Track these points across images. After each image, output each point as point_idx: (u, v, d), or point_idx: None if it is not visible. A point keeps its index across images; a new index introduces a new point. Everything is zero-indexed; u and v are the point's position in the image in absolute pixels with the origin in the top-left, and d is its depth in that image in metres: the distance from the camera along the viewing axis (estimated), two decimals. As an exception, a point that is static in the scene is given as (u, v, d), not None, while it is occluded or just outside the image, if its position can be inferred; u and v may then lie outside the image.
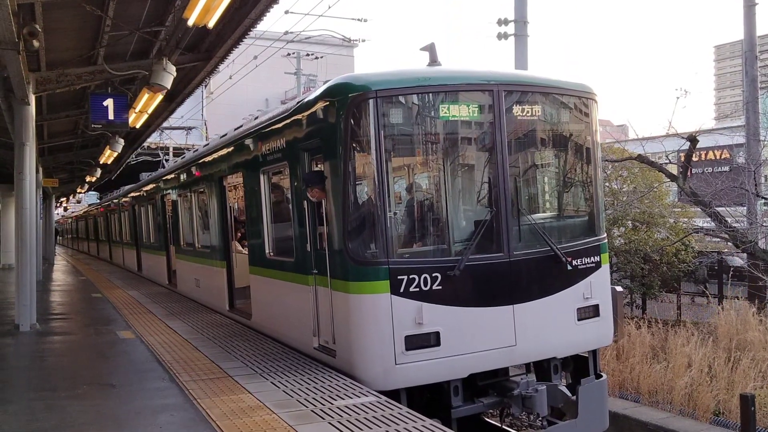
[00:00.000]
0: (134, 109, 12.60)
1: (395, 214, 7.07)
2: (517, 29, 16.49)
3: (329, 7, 27.93)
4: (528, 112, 7.49)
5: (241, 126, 10.38)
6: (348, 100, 6.69)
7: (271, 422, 5.56)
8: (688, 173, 16.22)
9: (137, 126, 14.39)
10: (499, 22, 16.74)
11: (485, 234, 6.99)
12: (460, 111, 7.13)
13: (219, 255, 11.22)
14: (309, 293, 7.56)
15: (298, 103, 7.87)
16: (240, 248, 11.66)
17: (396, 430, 5.33)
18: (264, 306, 9.34)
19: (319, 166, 7.33)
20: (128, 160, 25.30)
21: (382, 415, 5.65)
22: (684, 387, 10.76)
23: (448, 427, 6.76)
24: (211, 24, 8.71)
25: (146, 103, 12.44)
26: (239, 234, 12.07)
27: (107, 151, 18.71)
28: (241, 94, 41.26)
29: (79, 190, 37.47)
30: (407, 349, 6.56)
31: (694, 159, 18.65)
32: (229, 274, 10.97)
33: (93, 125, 11.98)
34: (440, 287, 6.69)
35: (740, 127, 19.69)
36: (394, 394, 6.47)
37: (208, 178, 11.76)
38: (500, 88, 7.15)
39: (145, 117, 13.62)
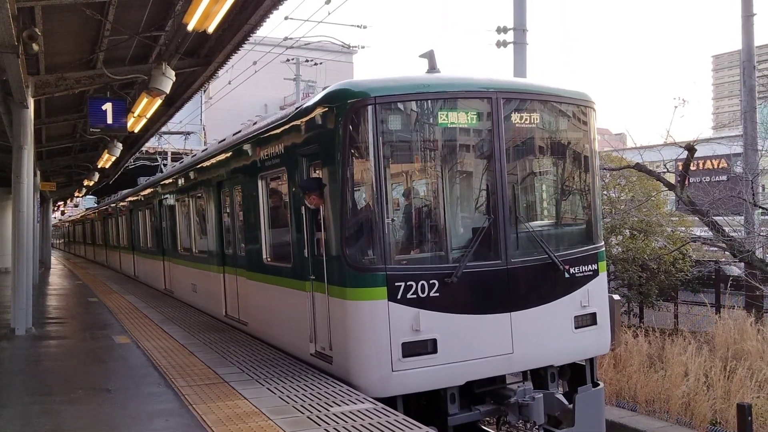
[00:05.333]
0: (133, 113, 12.59)
1: (393, 220, 7.07)
2: (516, 37, 16.49)
3: (329, 14, 28.09)
4: (526, 119, 7.50)
5: (240, 131, 10.38)
6: (347, 107, 6.70)
7: (267, 428, 5.54)
8: (686, 182, 16.22)
9: (136, 130, 14.37)
10: (498, 30, 16.74)
11: (483, 241, 6.99)
12: (459, 118, 7.14)
13: (216, 260, 11.20)
14: (306, 299, 7.54)
15: (296, 109, 7.87)
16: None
17: (392, 437, 5.32)
18: (261, 311, 9.32)
19: (317, 171, 7.33)
20: (126, 165, 25.29)
21: (379, 422, 5.63)
22: (681, 396, 10.74)
23: (444, 434, 6.77)
24: (210, 29, 8.72)
25: (145, 107, 12.43)
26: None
27: (105, 155, 18.69)
28: (240, 99, 41.30)
29: (76, 194, 37.42)
30: (404, 356, 6.55)
31: (692, 168, 18.69)
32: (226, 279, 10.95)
33: (91, 129, 11.95)
34: (438, 294, 6.69)
35: (738, 136, 19.69)
36: (390, 401, 6.46)
37: (206, 183, 11.76)
38: (499, 95, 7.17)
39: (143, 121, 13.61)
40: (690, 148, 15.44)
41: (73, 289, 19.15)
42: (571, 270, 7.49)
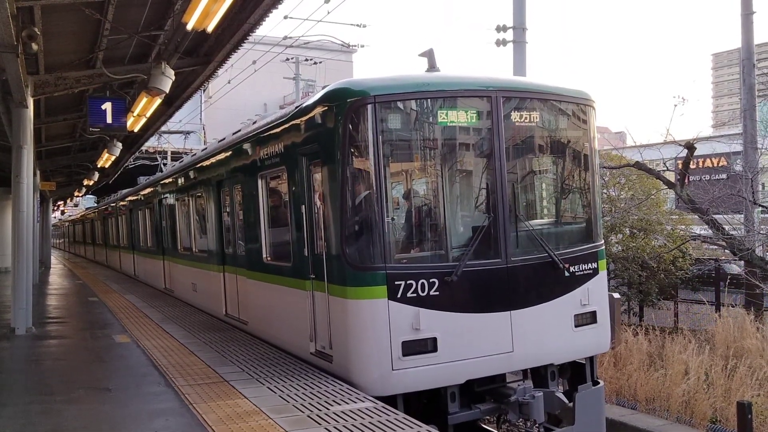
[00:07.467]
0: (132, 112, 12.59)
1: (393, 219, 7.07)
2: (516, 36, 16.49)
3: (328, 13, 27.98)
4: (526, 118, 7.50)
5: (240, 131, 10.38)
6: (346, 105, 6.70)
7: (267, 427, 5.54)
8: (686, 180, 16.21)
9: (135, 130, 14.37)
10: (498, 29, 16.74)
11: (483, 240, 6.99)
12: (459, 117, 7.14)
13: (216, 259, 11.20)
14: (306, 298, 7.54)
15: (296, 108, 7.87)
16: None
17: (392, 436, 5.32)
18: (261, 310, 9.32)
19: (317, 170, 7.33)
20: (126, 164, 25.28)
21: (379, 421, 5.63)
22: (681, 394, 10.74)
23: (444, 433, 6.77)
24: (210, 28, 8.73)
25: (144, 106, 12.43)
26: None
27: (105, 155, 18.69)
28: (240, 98, 41.26)
29: (76, 194, 37.42)
30: (404, 355, 6.55)
31: (692, 166, 18.66)
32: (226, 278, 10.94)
33: (91, 129, 11.95)
34: (438, 293, 6.69)
35: (737, 134, 19.70)
36: (390, 400, 6.46)
37: (206, 183, 11.76)
38: (498, 94, 7.17)
39: (143, 121, 13.61)
40: (690, 146, 15.44)
41: (73, 288, 19.15)
42: (571, 268, 7.49)
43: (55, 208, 46.98)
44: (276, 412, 5.92)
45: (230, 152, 10.20)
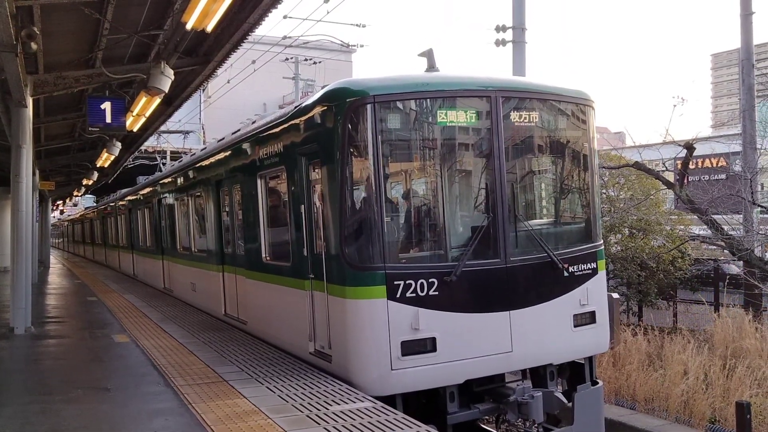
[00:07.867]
0: (132, 112, 12.58)
1: (392, 219, 7.07)
2: (515, 36, 16.50)
3: (327, 12, 27.89)
4: (525, 118, 7.51)
5: (239, 130, 10.38)
6: (346, 105, 6.70)
7: (266, 427, 5.54)
8: (685, 181, 16.23)
9: (134, 129, 14.36)
10: (497, 29, 16.75)
11: (482, 240, 6.99)
12: (458, 117, 7.14)
13: (215, 259, 11.20)
14: (305, 298, 7.55)
15: (296, 107, 7.87)
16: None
17: (391, 435, 5.32)
18: (260, 310, 9.32)
19: (316, 170, 7.33)
20: (125, 164, 25.26)
21: (378, 421, 5.63)
22: (680, 394, 10.75)
23: (443, 433, 6.77)
24: (209, 28, 8.72)
25: (144, 106, 12.42)
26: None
27: (104, 155, 18.68)
28: (239, 98, 41.26)
29: (75, 193, 37.41)
30: (403, 355, 6.55)
31: (691, 167, 18.68)
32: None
33: (90, 128, 11.93)
34: (437, 293, 6.69)
35: (737, 135, 19.73)
36: (389, 400, 6.46)
37: (205, 182, 11.76)
38: (498, 94, 7.17)
39: (142, 120, 13.60)
40: (689, 146, 15.45)
41: (72, 288, 19.14)
42: (570, 268, 7.50)
43: (54, 208, 46.93)
44: (275, 412, 5.92)
45: (229, 152, 10.20)
